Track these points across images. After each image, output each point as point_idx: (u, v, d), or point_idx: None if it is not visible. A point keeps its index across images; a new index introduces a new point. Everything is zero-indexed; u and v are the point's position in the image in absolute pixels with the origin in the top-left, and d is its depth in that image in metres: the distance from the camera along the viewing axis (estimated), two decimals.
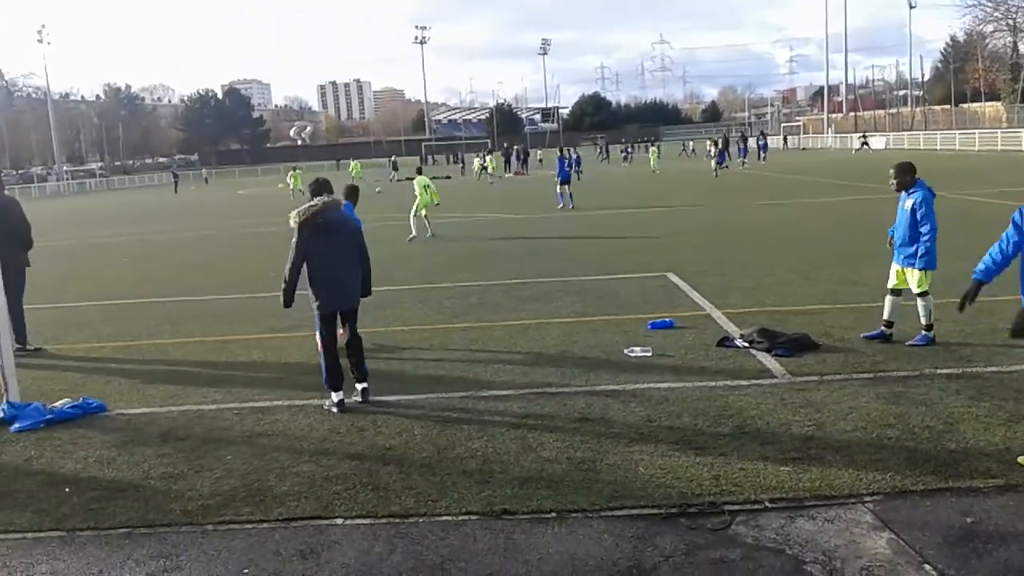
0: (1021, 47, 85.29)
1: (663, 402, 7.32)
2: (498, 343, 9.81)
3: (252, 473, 6.17)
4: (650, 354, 8.88)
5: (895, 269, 8.96)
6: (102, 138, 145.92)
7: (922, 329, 8.79)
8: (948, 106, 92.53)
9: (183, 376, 9.15)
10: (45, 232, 22.08)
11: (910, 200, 8.72)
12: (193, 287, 15.71)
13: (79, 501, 5.83)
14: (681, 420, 6.84)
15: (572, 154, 45.55)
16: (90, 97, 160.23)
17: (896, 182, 8.88)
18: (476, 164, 58.36)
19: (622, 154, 78.72)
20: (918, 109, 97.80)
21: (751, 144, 62.61)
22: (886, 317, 8.96)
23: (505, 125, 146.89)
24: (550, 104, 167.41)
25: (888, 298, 9.00)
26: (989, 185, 27.90)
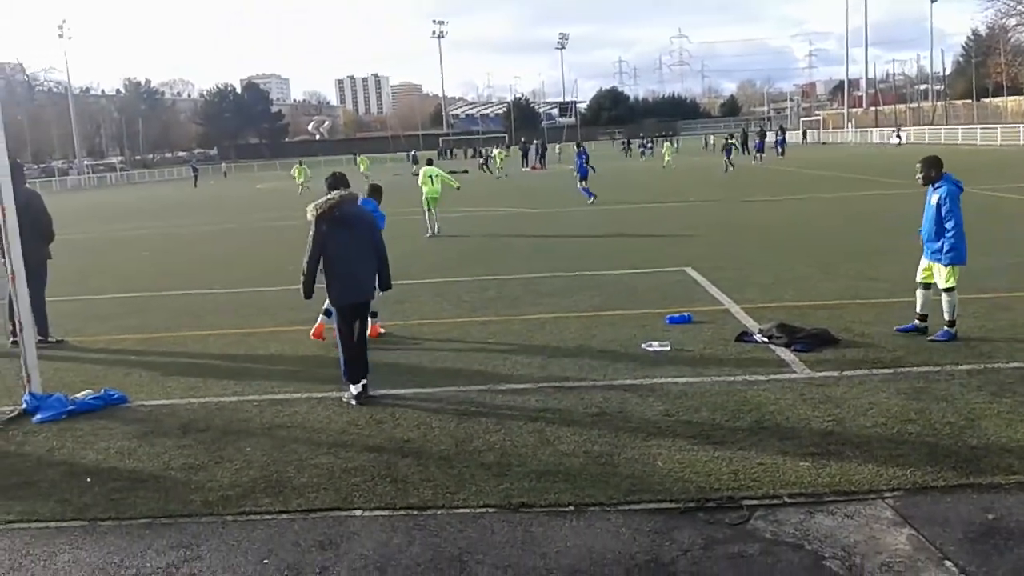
0: None
1: (681, 396, 7.31)
2: (516, 337, 9.82)
3: (271, 464, 6.21)
4: (668, 348, 8.86)
5: (924, 263, 8.91)
6: (122, 132, 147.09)
7: (944, 325, 8.71)
8: (969, 100, 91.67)
9: (203, 368, 9.21)
10: (66, 225, 22.22)
11: (935, 195, 8.66)
12: (212, 280, 15.79)
13: (100, 491, 5.88)
14: (699, 415, 6.83)
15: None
16: (110, 91, 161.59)
17: (922, 176, 8.82)
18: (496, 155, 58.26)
19: (639, 149, 78.58)
20: (939, 104, 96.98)
21: (769, 139, 62.27)
22: (919, 311, 8.90)
23: (522, 120, 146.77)
24: (567, 98, 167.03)
25: (919, 291, 8.94)
26: (1011, 180, 27.62)
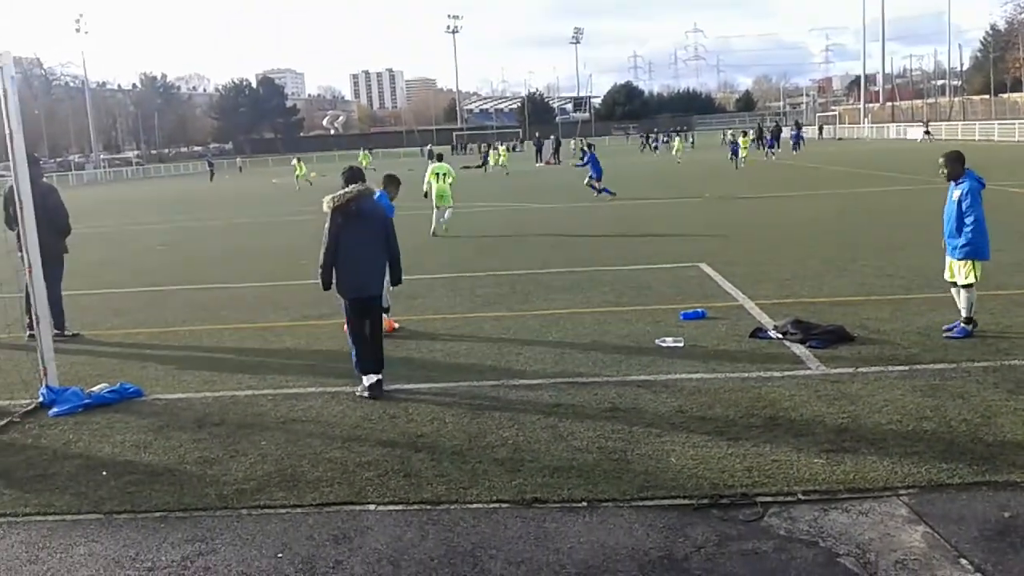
0: None
1: (695, 393, 7.29)
2: (529, 332, 9.81)
3: (286, 458, 6.23)
4: (682, 344, 8.84)
5: (948, 261, 8.80)
6: (138, 126, 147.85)
7: (961, 321, 8.65)
8: (987, 96, 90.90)
9: (218, 362, 9.25)
10: (82, 219, 22.38)
11: (957, 191, 8.58)
12: (227, 275, 15.86)
13: (116, 484, 5.91)
14: (713, 411, 6.80)
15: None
16: (126, 86, 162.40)
17: (947, 171, 8.73)
18: (492, 155, 58.09)
19: (652, 144, 78.44)
20: (956, 99, 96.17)
21: (785, 134, 61.89)
22: (964, 312, 8.69)
23: (536, 115, 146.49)
24: (582, 93, 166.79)
25: (953, 291, 8.82)
26: None
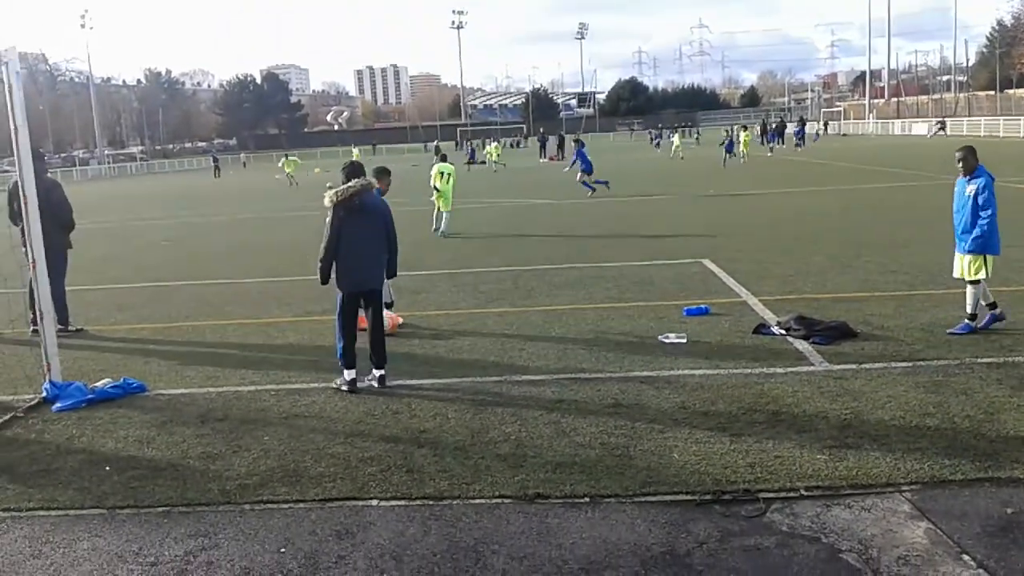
0: None
1: (698, 389, 7.29)
2: (532, 328, 9.81)
3: (289, 454, 6.24)
4: (685, 340, 8.83)
5: (958, 258, 8.72)
6: (143, 122, 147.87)
7: (965, 318, 8.63)
8: (993, 92, 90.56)
9: (221, 358, 9.26)
10: (86, 215, 22.42)
11: (972, 186, 8.49)
12: (231, 270, 15.88)
13: (119, 480, 5.93)
14: (716, 407, 6.80)
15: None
16: (131, 81, 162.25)
17: (964, 165, 8.62)
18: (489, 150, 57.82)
19: (654, 140, 78.34)
20: (962, 95, 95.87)
21: (789, 130, 61.74)
22: (985, 303, 8.63)
23: (541, 110, 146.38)
24: (586, 89, 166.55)
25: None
26: None
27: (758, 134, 56.51)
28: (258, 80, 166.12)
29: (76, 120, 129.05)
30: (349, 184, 7.76)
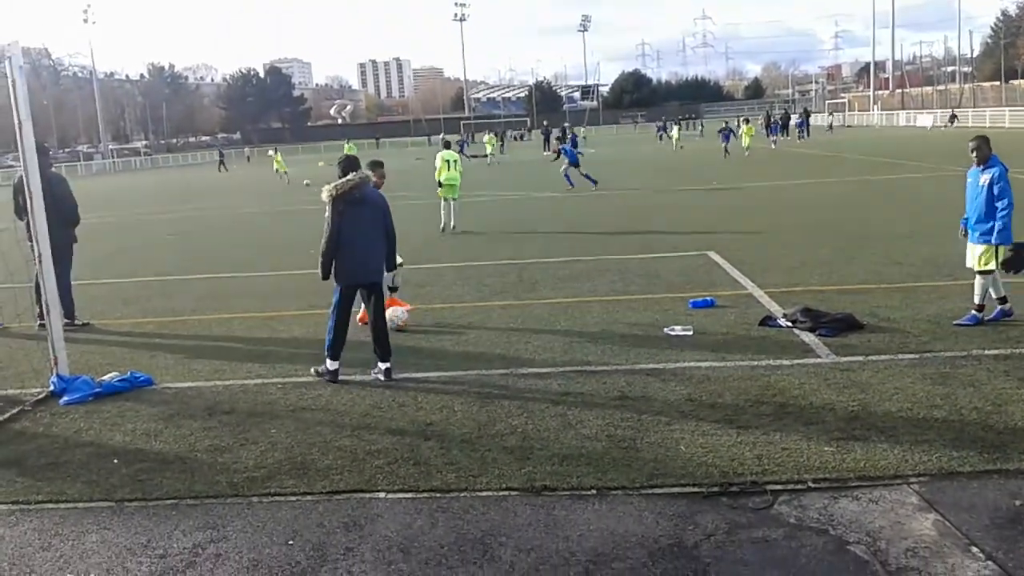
0: None
1: (704, 381, 7.28)
2: (538, 321, 9.81)
3: (296, 446, 6.25)
4: (691, 333, 8.82)
5: (971, 248, 8.65)
6: (146, 116, 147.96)
7: (972, 309, 8.60)
8: (998, 83, 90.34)
9: (228, 351, 9.28)
10: (92, 209, 22.43)
11: (986, 175, 8.45)
12: (235, 264, 15.88)
13: (127, 472, 5.94)
14: (722, 399, 6.80)
15: (569, 134, 48.16)
16: (134, 76, 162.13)
17: (978, 155, 8.59)
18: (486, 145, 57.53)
19: (658, 133, 78.11)
20: (967, 86, 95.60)
21: (793, 122, 61.49)
22: (995, 296, 8.59)
23: (544, 103, 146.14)
24: (590, 81, 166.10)
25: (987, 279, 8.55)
26: None
27: (762, 126, 56.24)
28: (261, 74, 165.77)
29: (80, 115, 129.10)
30: (348, 178, 7.77)
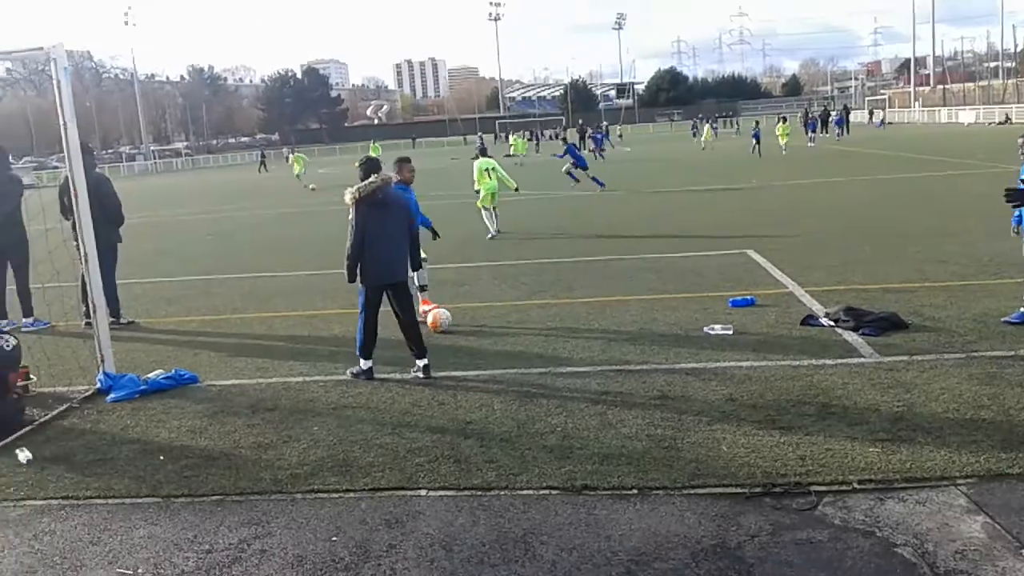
0: None
1: (745, 381, 7.22)
2: (576, 320, 9.80)
3: (338, 444, 6.30)
4: (731, 332, 8.76)
5: None
6: (186, 118, 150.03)
7: (1021, 307, 8.42)
8: None
9: (270, 349, 9.38)
10: (135, 209, 22.76)
11: None
12: (275, 263, 16.03)
13: (173, 468, 6.03)
14: (764, 399, 6.74)
15: (597, 133, 48.37)
16: (174, 78, 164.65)
17: None
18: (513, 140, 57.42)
19: (692, 131, 77.60)
20: (1010, 81, 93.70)
21: (832, 119, 60.74)
22: None
23: (580, 101, 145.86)
24: (625, 79, 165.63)
25: None
26: None
27: (800, 124, 55.59)
28: (298, 75, 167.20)
29: (121, 116, 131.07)
30: (370, 180, 7.82)
